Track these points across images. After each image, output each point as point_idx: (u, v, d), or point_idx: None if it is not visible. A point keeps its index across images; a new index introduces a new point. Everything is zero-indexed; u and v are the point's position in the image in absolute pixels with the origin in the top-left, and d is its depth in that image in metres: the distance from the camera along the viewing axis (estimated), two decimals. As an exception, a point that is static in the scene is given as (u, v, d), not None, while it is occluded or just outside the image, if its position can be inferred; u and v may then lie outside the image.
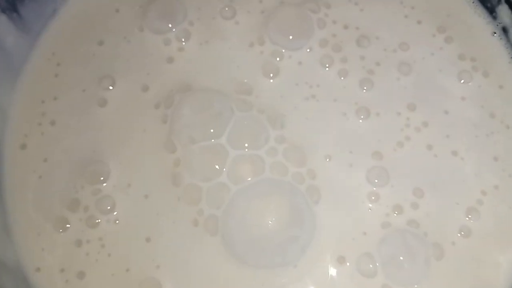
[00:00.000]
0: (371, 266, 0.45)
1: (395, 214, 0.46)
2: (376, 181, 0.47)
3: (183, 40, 0.52)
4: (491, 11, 0.54)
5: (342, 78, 0.51)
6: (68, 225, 0.46)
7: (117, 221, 0.46)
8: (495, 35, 0.54)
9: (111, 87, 0.51)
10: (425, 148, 0.49)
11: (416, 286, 0.44)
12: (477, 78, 0.52)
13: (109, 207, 0.46)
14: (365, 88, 0.51)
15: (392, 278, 0.44)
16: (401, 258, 0.44)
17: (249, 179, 0.47)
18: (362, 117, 0.49)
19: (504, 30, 0.54)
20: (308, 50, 0.52)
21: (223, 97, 0.49)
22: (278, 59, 0.52)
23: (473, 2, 0.55)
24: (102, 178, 0.47)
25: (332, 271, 0.45)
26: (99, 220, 0.46)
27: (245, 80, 0.51)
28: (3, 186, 0.48)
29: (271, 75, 0.51)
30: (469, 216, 0.47)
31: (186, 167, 0.47)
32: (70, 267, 0.45)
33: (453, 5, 0.55)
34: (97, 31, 0.53)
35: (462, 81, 0.51)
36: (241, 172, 0.47)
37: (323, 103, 0.50)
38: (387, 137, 0.49)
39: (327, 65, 0.51)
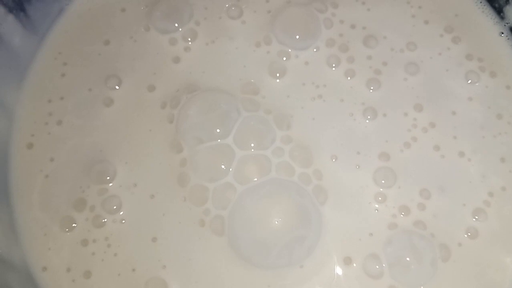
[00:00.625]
0: (377, 267, 0.45)
1: (401, 215, 0.46)
2: (383, 182, 0.47)
3: (189, 39, 0.52)
4: (499, 11, 0.54)
5: (349, 78, 0.51)
6: (74, 225, 0.46)
7: (123, 221, 0.46)
8: (502, 35, 0.53)
9: (117, 87, 0.51)
10: (432, 149, 0.48)
11: (422, 287, 0.44)
12: (484, 78, 0.51)
13: (115, 207, 0.46)
14: (372, 88, 0.50)
15: (399, 279, 0.44)
16: (408, 259, 0.44)
17: (256, 179, 0.47)
18: (369, 117, 0.49)
19: (512, 30, 0.53)
20: (315, 50, 0.52)
21: (230, 97, 0.49)
22: (284, 59, 0.52)
23: (480, 2, 0.55)
24: (108, 178, 0.47)
25: (339, 272, 0.45)
26: (105, 220, 0.46)
27: (252, 80, 0.51)
28: (9, 185, 0.48)
29: (278, 75, 0.51)
30: (476, 217, 0.46)
31: (192, 167, 0.47)
32: (76, 267, 0.45)
33: (460, 5, 0.54)
34: (103, 31, 0.53)
35: (469, 81, 0.51)
36: (247, 173, 0.47)
37: (329, 103, 0.50)
38: (394, 137, 0.49)
39: (334, 65, 0.51)
